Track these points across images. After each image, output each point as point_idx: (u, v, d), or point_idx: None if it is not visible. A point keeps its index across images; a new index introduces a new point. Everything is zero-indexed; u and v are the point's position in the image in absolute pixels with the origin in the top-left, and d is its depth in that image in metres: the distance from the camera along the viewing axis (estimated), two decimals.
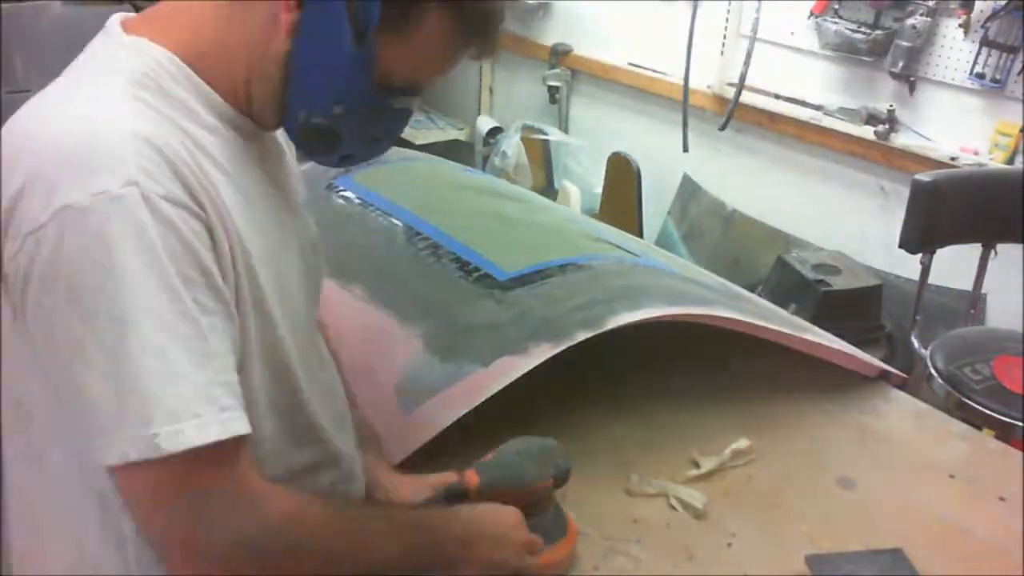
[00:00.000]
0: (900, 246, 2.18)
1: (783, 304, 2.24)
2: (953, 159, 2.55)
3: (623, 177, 3.24)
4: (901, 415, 1.42)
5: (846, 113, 2.81)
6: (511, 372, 1.16)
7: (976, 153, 2.54)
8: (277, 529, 0.79)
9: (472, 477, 1.01)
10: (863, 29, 2.66)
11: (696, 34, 3.07)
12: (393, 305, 1.31)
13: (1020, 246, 2.29)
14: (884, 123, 2.68)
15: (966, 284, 2.38)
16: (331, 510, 0.86)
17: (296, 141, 0.88)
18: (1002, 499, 1.23)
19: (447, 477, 1.06)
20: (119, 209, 0.70)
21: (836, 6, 2.73)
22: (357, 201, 1.57)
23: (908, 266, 2.41)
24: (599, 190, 3.42)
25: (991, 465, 1.30)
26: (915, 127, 2.67)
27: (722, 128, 3.09)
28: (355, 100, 0.82)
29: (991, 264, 2.25)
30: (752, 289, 2.45)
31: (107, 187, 0.70)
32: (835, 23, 2.72)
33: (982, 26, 2.40)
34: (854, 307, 2.52)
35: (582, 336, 1.19)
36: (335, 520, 0.85)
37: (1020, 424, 1.79)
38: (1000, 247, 2.22)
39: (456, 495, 1.00)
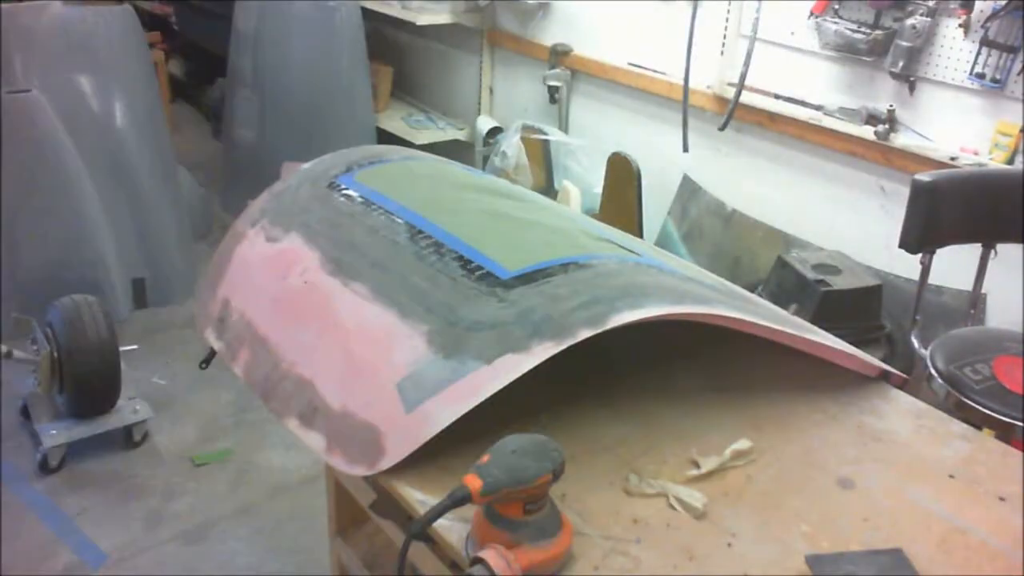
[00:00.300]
0: (900, 246, 2.18)
1: (783, 304, 2.24)
2: (953, 159, 2.55)
3: (623, 177, 3.25)
4: (901, 415, 1.42)
5: (846, 113, 2.82)
6: (514, 370, 1.16)
7: (976, 153, 2.54)
8: None
9: (474, 481, 1.00)
10: (863, 29, 2.66)
11: (696, 34, 3.07)
12: (395, 303, 1.31)
13: (1020, 246, 2.30)
14: (884, 123, 2.68)
15: (966, 284, 2.38)
16: None
17: None
18: (1002, 499, 1.23)
19: None
20: None
21: (836, 6, 2.74)
22: (359, 199, 1.57)
23: (908, 266, 2.42)
24: (599, 190, 3.42)
25: (991, 465, 1.30)
26: (915, 127, 2.68)
27: (722, 128, 3.09)
28: None
29: (991, 264, 2.25)
30: (752, 289, 2.45)
31: None
32: (835, 23, 2.73)
33: (982, 26, 2.41)
34: (854, 307, 2.53)
35: (584, 334, 1.19)
36: None
37: (1020, 424, 1.79)
38: (1000, 247, 2.23)
39: (460, 500, 1.00)
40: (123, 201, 3.45)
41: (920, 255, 2.18)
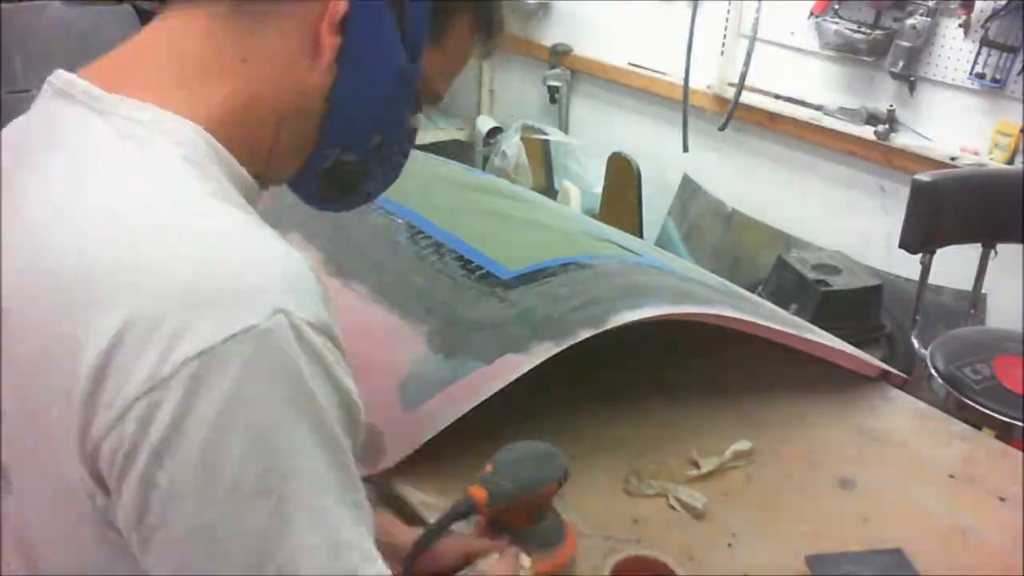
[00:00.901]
0: (900, 246, 2.18)
1: (783, 304, 2.24)
2: (953, 159, 2.55)
3: (623, 177, 3.24)
4: (901, 415, 1.42)
5: (846, 113, 2.82)
6: (514, 370, 1.16)
7: (976, 153, 2.54)
8: None
9: (479, 492, 0.97)
10: (863, 29, 2.66)
11: (696, 34, 3.07)
12: (396, 303, 1.31)
13: (1020, 246, 2.29)
14: (884, 123, 2.68)
15: (966, 284, 2.38)
16: None
17: (309, 192, 0.78)
18: (1002, 499, 1.23)
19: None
20: (268, 347, 0.55)
21: (836, 6, 2.74)
22: None
23: (908, 266, 2.42)
24: (599, 190, 3.42)
25: (991, 465, 1.30)
26: (915, 127, 2.67)
27: (722, 128, 3.09)
28: (394, 124, 0.76)
29: (991, 264, 2.25)
30: (752, 289, 2.45)
31: (252, 321, 0.54)
32: (835, 23, 2.72)
33: (982, 26, 2.41)
34: (854, 307, 2.52)
35: (584, 335, 1.19)
36: None
37: (1020, 424, 1.79)
38: (1000, 247, 2.23)
39: (465, 512, 0.97)
40: None
41: (920, 255, 2.18)
